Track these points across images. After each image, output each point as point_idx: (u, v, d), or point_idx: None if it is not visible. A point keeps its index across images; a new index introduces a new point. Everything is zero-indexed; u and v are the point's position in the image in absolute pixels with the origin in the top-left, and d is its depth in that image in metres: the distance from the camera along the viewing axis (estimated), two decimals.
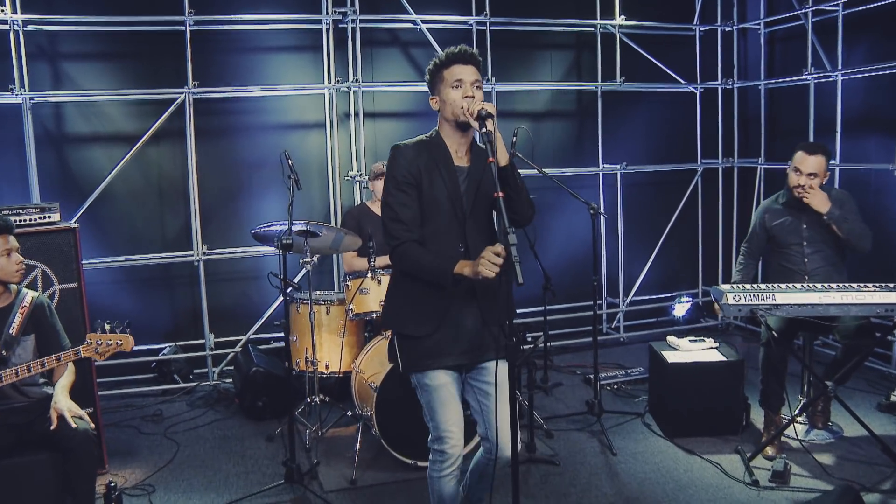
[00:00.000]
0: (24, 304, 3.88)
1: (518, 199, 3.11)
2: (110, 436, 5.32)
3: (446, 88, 3.11)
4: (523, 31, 7.03)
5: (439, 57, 3.16)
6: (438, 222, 3.13)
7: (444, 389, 3.17)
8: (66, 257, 4.63)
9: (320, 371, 5.11)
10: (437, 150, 3.15)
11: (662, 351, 5.20)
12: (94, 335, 3.73)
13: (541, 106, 7.28)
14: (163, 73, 6.23)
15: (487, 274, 2.79)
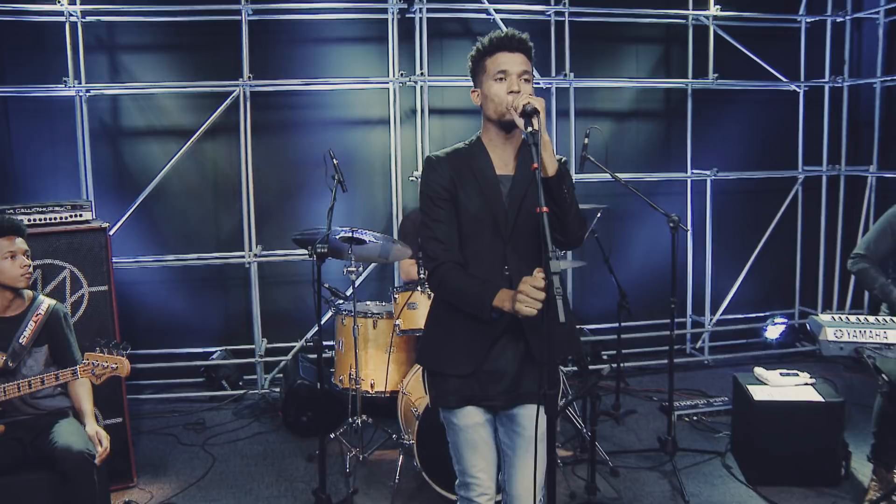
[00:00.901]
0: (39, 312, 3.60)
1: (565, 217, 2.58)
2: (148, 444, 5.09)
3: (488, 80, 2.62)
4: (607, 22, 6.43)
5: (482, 42, 2.65)
6: (480, 242, 2.68)
7: (473, 431, 2.74)
8: (97, 258, 4.35)
9: (365, 390, 4.70)
10: (476, 158, 2.70)
11: (748, 384, 4.56)
12: (91, 354, 3.40)
13: (625, 105, 6.68)
14: (222, 65, 5.94)
15: (526, 312, 2.33)
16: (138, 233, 6.02)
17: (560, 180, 2.52)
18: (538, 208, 2.29)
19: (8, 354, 3.47)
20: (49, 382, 3.39)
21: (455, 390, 2.71)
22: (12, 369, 3.49)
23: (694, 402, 5.55)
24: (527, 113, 2.45)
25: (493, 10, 6.08)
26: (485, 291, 2.50)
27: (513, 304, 2.37)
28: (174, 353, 6.19)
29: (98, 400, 4.31)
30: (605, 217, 6.28)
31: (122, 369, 3.39)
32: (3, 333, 3.51)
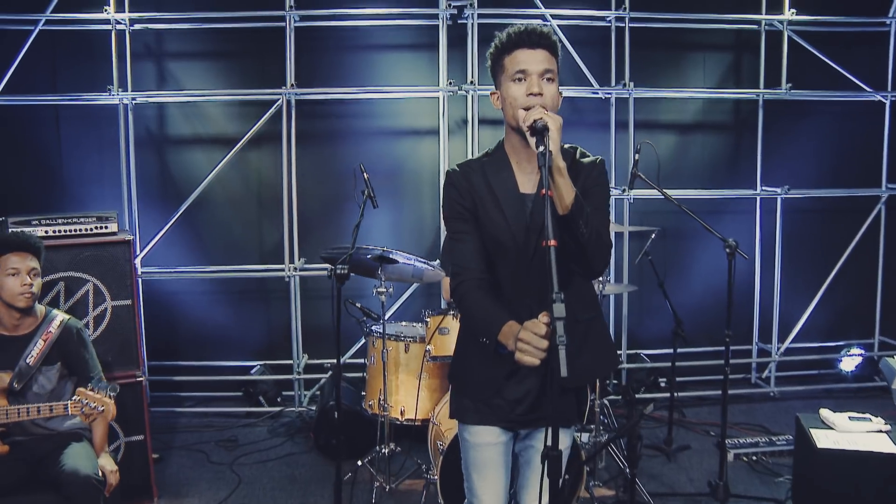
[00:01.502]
0: (50, 329, 3.48)
1: (584, 252, 2.30)
2: (177, 460, 4.98)
3: (507, 81, 2.36)
4: (672, 28, 6.05)
5: (500, 38, 2.39)
6: (503, 265, 2.49)
7: (484, 450, 2.57)
8: (122, 272, 4.24)
9: (394, 417, 4.45)
10: (498, 172, 2.46)
11: (812, 428, 4.12)
12: (83, 391, 3.26)
13: (690, 116, 6.26)
14: (269, 72, 5.80)
15: (527, 362, 2.09)
16: (181, 242, 5.95)
17: (576, 216, 2.23)
18: (545, 241, 2.03)
19: (14, 375, 3.36)
20: (44, 413, 3.26)
21: (474, 409, 2.57)
22: (18, 390, 3.38)
23: (754, 439, 5.11)
24: (537, 130, 2.17)
25: (549, 15, 5.77)
26: (493, 323, 2.29)
27: (513, 348, 2.13)
28: (214, 367, 6.08)
29: (120, 417, 4.21)
30: (663, 236, 5.94)
31: (107, 412, 3.24)
32: (11, 353, 3.40)
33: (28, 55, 5.62)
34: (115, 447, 4.26)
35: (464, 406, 2.59)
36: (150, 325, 5.95)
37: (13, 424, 3.37)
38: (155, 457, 4.91)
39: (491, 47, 2.41)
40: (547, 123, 2.17)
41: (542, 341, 2.05)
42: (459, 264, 2.47)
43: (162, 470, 4.81)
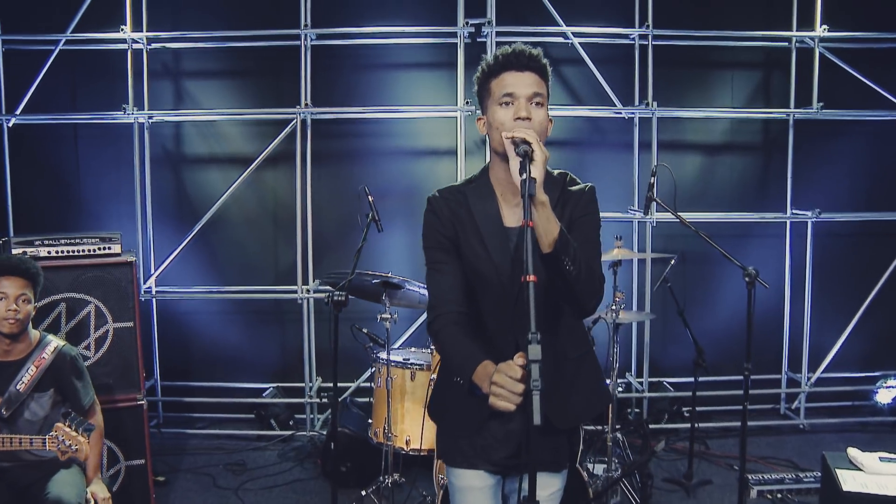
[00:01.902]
0: (44, 355, 3.40)
1: (572, 289, 2.15)
2: (182, 484, 4.91)
3: (493, 105, 2.24)
4: (698, 46, 5.86)
5: (487, 61, 2.27)
6: (486, 301, 2.34)
7: (469, 494, 2.42)
8: (124, 293, 4.18)
9: (399, 447, 4.32)
10: (481, 201, 2.33)
11: (838, 468, 3.88)
12: (60, 426, 3.16)
13: (717, 137, 6.04)
14: (286, 91, 5.75)
15: (501, 407, 1.94)
16: (196, 261, 5.90)
17: (560, 253, 2.07)
18: (524, 277, 1.89)
19: (2, 401, 3.30)
20: (24, 445, 3.19)
21: (459, 449, 2.42)
22: (7, 417, 3.31)
23: (780, 475, 4.86)
24: (519, 148, 2.02)
25: (570, 33, 5.64)
26: (468, 363, 2.14)
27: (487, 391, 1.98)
28: (227, 388, 6.02)
29: (120, 440, 4.20)
30: (685, 260, 5.75)
31: (80, 452, 3.13)
32: (3, 378, 3.32)
33: (48, 75, 5.67)
34: (115, 471, 4.20)
35: (448, 446, 2.44)
36: (163, 345, 5.93)
37: (2, 451, 3.32)
38: (161, 479, 4.89)
39: (478, 70, 2.29)
40: (532, 145, 2.03)
41: (516, 385, 1.90)
42: (437, 297, 2.33)
43: (166, 494, 4.73)
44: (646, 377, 5.81)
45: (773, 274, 5.93)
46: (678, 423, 5.72)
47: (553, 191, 2.29)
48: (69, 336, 4.10)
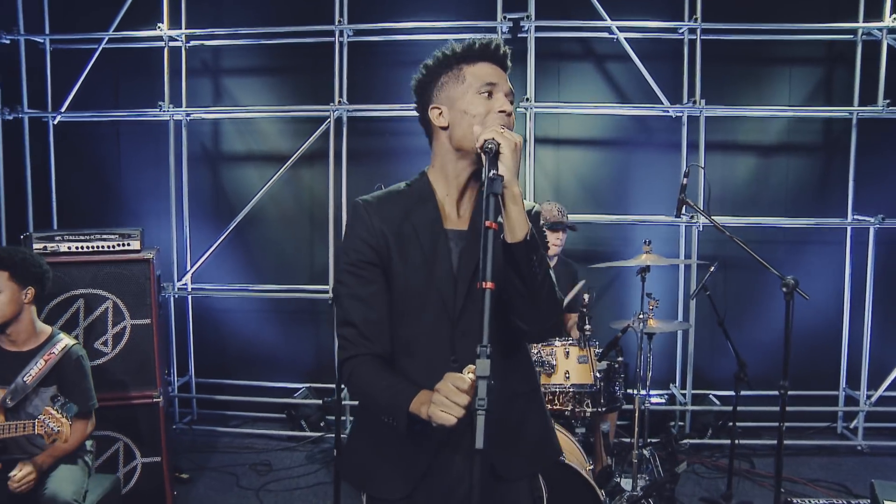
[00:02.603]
0: (53, 350, 3.40)
1: (533, 300, 1.93)
2: (205, 482, 4.88)
3: (469, 93, 1.99)
4: (753, 41, 5.54)
5: (452, 47, 2.04)
6: (420, 323, 2.02)
7: None
8: (141, 290, 4.17)
9: None
10: (420, 206, 2.05)
11: (887, 500, 3.57)
12: (48, 409, 3.13)
13: (772, 137, 5.69)
14: (323, 88, 5.66)
15: (440, 419, 1.72)
16: (233, 259, 5.90)
17: (529, 248, 1.86)
18: (480, 283, 1.70)
19: (8, 391, 3.30)
20: (17, 431, 3.17)
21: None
22: (12, 407, 3.31)
23: (829, 500, 4.53)
24: (486, 150, 1.82)
25: (615, 27, 5.39)
26: (398, 395, 1.87)
27: (427, 410, 1.76)
28: (260, 387, 5.99)
29: (137, 437, 4.19)
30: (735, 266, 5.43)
31: (62, 434, 3.10)
32: (12, 368, 3.34)
33: (92, 73, 5.75)
34: (130, 468, 4.19)
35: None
36: (199, 342, 5.95)
37: (10, 441, 3.32)
38: (184, 476, 4.87)
39: (439, 54, 2.05)
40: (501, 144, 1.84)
41: (462, 396, 1.69)
42: (353, 335, 1.99)
43: (187, 492, 4.71)
44: (689, 389, 5.52)
45: (832, 284, 5.56)
46: (723, 438, 5.40)
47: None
48: (87, 332, 4.11)
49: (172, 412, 5.81)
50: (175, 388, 5.81)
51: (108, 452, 4.16)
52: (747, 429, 5.47)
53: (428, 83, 2.07)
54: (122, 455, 4.18)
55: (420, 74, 2.09)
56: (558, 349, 3.96)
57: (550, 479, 3.44)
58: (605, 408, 4.11)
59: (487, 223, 1.74)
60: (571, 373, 3.92)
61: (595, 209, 5.67)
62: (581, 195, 5.80)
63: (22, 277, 3.35)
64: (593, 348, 4.00)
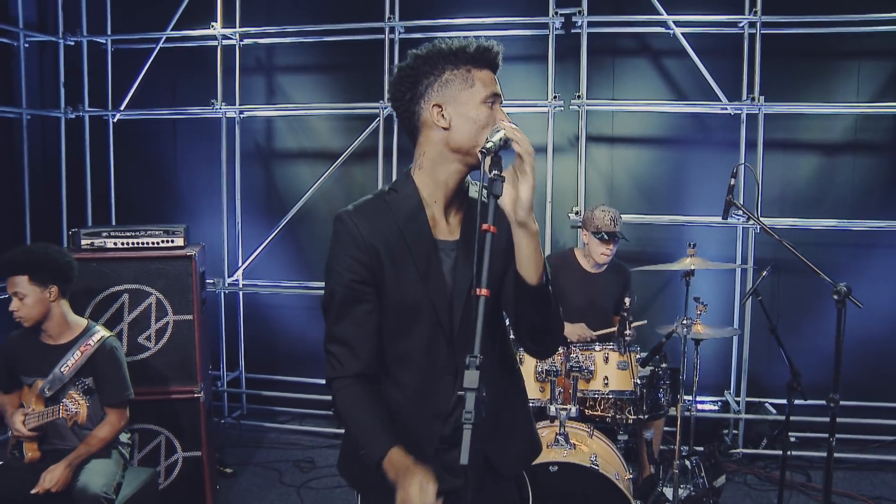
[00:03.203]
0: (89, 342, 3.47)
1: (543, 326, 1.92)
2: (248, 478, 4.94)
3: (474, 99, 1.90)
4: (816, 34, 5.27)
5: (459, 44, 1.94)
6: (413, 339, 1.97)
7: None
8: (184, 286, 4.21)
9: None
10: (409, 217, 1.95)
11: None
12: (71, 393, 3.25)
13: (837, 135, 5.41)
14: (375, 86, 5.65)
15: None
16: (284, 255, 5.96)
17: (542, 292, 1.84)
18: (474, 290, 1.66)
19: (46, 381, 3.39)
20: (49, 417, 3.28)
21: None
22: (49, 397, 3.39)
23: None
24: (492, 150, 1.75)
25: (672, 22, 5.21)
26: (375, 443, 1.87)
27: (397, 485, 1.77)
28: (309, 384, 6.03)
29: (178, 431, 4.24)
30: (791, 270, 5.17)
31: (80, 415, 3.24)
32: (49, 360, 3.43)
33: (151, 72, 5.87)
34: (171, 461, 4.25)
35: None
36: (249, 337, 6.03)
37: (50, 429, 3.44)
38: (228, 471, 4.94)
39: (444, 47, 1.95)
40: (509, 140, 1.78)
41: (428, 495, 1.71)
42: (337, 352, 1.96)
43: (229, 486, 4.77)
44: (743, 397, 5.30)
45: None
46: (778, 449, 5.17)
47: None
48: (130, 327, 4.18)
49: (221, 407, 5.90)
50: (224, 383, 5.90)
51: (150, 446, 4.22)
52: (805, 439, 5.23)
53: (427, 74, 1.94)
54: (163, 449, 4.24)
55: (418, 63, 1.96)
56: (597, 354, 3.85)
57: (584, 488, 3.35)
58: (647, 415, 3.98)
59: (485, 226, 1.68)
60: (610, 379, 3.81)
61: (649, 210, 5.50)
62: (635, 195, 5.64)
63: (41, 278, 3.40)
64: (634, 354, 3.88)
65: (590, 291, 4.51)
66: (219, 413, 5.82)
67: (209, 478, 4.33)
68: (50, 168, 5.94)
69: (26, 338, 3.49)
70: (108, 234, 4.20)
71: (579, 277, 4.54)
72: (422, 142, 1.99)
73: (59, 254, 3.52)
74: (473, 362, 1.59)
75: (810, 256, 5.11)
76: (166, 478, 4.24)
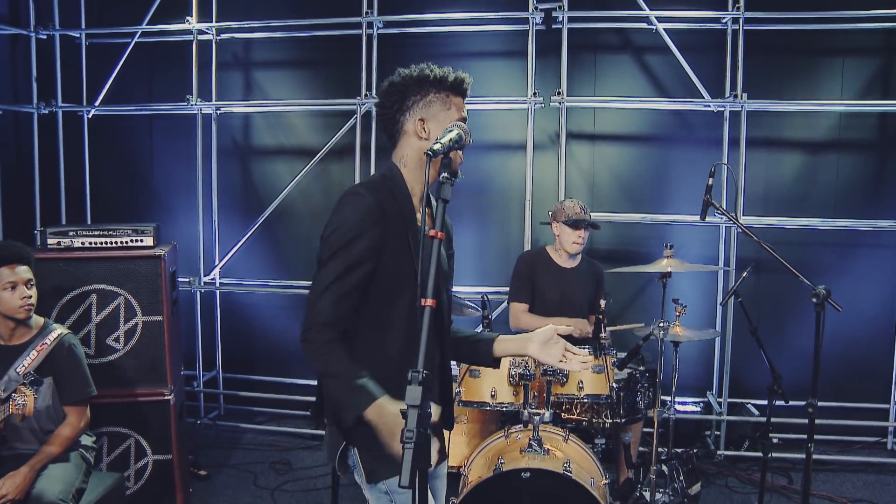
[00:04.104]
0: (46, 341, 3.40)
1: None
2: (222, 480, 4.87)
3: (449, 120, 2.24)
4: (801, 30, 5.21)
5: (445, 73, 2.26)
6: (398, 305, 2.18)
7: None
8: (153, 287, 4.13)
9: None
10: (404, 203, 2.22)
11: None
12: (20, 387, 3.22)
13: (822, 133, 5.35)
14: (354, 82, 5.55)
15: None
16: (261, 254, 5.87)
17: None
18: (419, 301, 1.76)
19: (0, 383, 3.30)
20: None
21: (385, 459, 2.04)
22: (4, 398, 3.30)
23: None
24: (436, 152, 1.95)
25: (654, 17, 5.14)
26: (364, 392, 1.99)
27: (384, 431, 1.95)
28: (287, 384, 5.95)
29: (148, 434, 4.16)
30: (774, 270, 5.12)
31: (27, 406, 3.19)
32: (5, 362, 3.34)
33: (126, 67, 5.77)
34: (142, 465, 4.17)
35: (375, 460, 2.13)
36: (226, 336, 5.93)
37: (10, 431, 3.34)
38: (203, 473, 4.85)
39: (430, 74, 2.24)
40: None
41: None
42: (334, 311, 2.08)
43: (203, 489, 4.68)
44: (725, 398, 5.24)
45: (886, 289, 5.24)
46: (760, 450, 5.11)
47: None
48: (99, 328, 4.10)
49: (197, 407, 5.82)
50: (201, 383, 5.81)
51: (119, 449, 4.14)
52: (787, 441, 5.18)
53: (415, 92, 2.24)
54: (133, 452, 4.16)
55: (408, 81, 2.24)
56: None
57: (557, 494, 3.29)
58: (624, 419, 3.92)
59: (432, 232, 1.79)
60: (585, 383, 3.74)
61: (631, 208, 5.44)
62: (616, 193, 5.58)
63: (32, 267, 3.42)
64: (610, 357, 3.81)
65: (563, 286, 4.51)
66: (195, 413, 5.74)
67: (180, 481, 4.24)
68: (23, 164, 5.82)
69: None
70: (76, 233, 4.11)
71: (553, 272, 4.53)
72: (403, 146, 2.28)
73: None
74: (416, 377, 1.60)
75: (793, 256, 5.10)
76: (136, 482, 4.15)
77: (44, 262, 3.88)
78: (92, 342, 4.08)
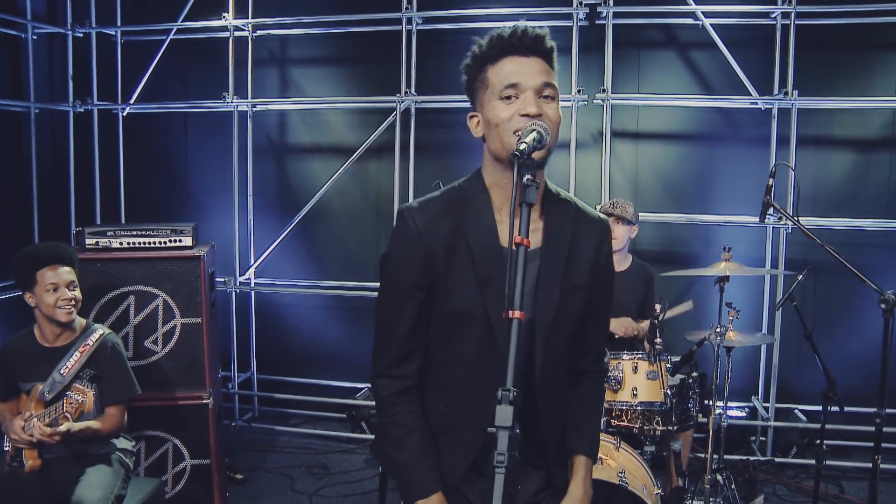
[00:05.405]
0: (88, 342, 3.34)
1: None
2: (258, 485, 4.77)
3: (492, 100, 1.78)
4: (853, 24, 5.02)
5: (480, 44, 1.82)
6: (463, 344, 1.84)
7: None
8: (192, 288, 4.05)
9: None
10: (474, 218, 1.83)
11: None
12: (76, 385, 3.18)
13: (874, 131, 5.16)
14: (393, 79, 5.44)
15: None
16: (297, 254, 5.80)
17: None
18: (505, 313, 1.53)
19: (45, 385, 3.24)
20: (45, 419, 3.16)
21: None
22: (49, 400, 3.24)
23: None
24: (519, 154, 1.61)
25: (701, 13, 4.99)
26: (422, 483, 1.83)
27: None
28: (322, 386, 5.87)
29: (186, 439, 4.09)
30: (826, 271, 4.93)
31: (85, 404, 3.13)
32: (48, 363, 3.29)
33: (161, 64, 5.71)
34: (179, 469, 4.10)
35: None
36: (261, 338, 5.86)
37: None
38: (239, 477, 4.78)
39: (467, 57, 1.84)
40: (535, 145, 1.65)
41: None
42: (397, 351, 1.87)
43: (239, 493, 4.61)
44: (772, 403, 5.09)
45: None
46: (809, 458, 4.96)
47: (564, 216, 1.88)
48: (137, 330, 4.03)
49: (232, 409, 5.75)
50: (235, 385, 5.74)
51: (157, 454, 4.06)
52: (837, 448, 5.03)
53: (469, 90, 1.87)
54: (171, 456, 4.08)
55: (463, 78, 1.88)
56: (626, 363, 3.66)
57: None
58: (676, 426, 3.79)
59: (517, 239, 1.54)
60: (640, 389, 3.62)
61: (675, 208, 5.30)
62: (661, 193, 5.43)
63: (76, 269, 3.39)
64: (664, 363, 3.68)
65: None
66: (230, 415, 5.67)
67: (218, 486, 4.16)
68: (58, 163, 5.79)
69: (23, 341, 3.37)
70: (114, 233, 4.04)
71: None
72: (484, 150, 1.91)
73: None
74: (506, 396, 1.45)
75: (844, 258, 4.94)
76: (174, 487, 4.08)
77: (82, 263, 3.81)
78: (130, 344, 4.00)
